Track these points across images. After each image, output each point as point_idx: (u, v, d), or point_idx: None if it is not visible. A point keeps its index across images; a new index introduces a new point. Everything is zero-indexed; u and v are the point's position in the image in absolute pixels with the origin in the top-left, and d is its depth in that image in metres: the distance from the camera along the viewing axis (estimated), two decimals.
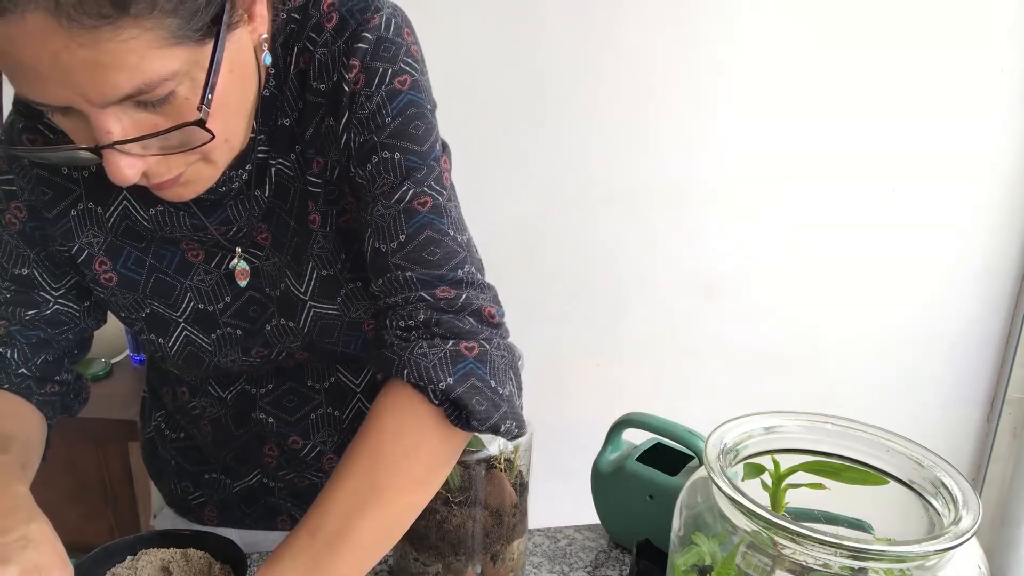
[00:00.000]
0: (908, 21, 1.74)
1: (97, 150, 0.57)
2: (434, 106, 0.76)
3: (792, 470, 0.64)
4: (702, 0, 1.70)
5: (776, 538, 0.56)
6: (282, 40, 0.73)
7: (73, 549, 1.65)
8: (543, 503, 1.09)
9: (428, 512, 0.80)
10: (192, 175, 0.66)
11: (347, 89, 0.70)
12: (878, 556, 0.52)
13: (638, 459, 0.91)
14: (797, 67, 1.76)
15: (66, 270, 0.81)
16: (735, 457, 0.64)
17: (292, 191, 0.77)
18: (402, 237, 0.71)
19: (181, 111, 0.58)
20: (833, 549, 0.52)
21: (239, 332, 0.83)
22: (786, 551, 0.55)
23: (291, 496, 0.97)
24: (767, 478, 0.65)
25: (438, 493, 0.79)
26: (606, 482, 0.93)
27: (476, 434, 0.75)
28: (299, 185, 0.76)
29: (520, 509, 0.83)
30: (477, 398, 0.66)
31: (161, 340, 0.83)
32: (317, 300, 0.79)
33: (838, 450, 0.65)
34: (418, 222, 0.71)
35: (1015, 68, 1.79)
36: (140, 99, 0.56)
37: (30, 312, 0.80)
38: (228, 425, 0.92)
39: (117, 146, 0.57)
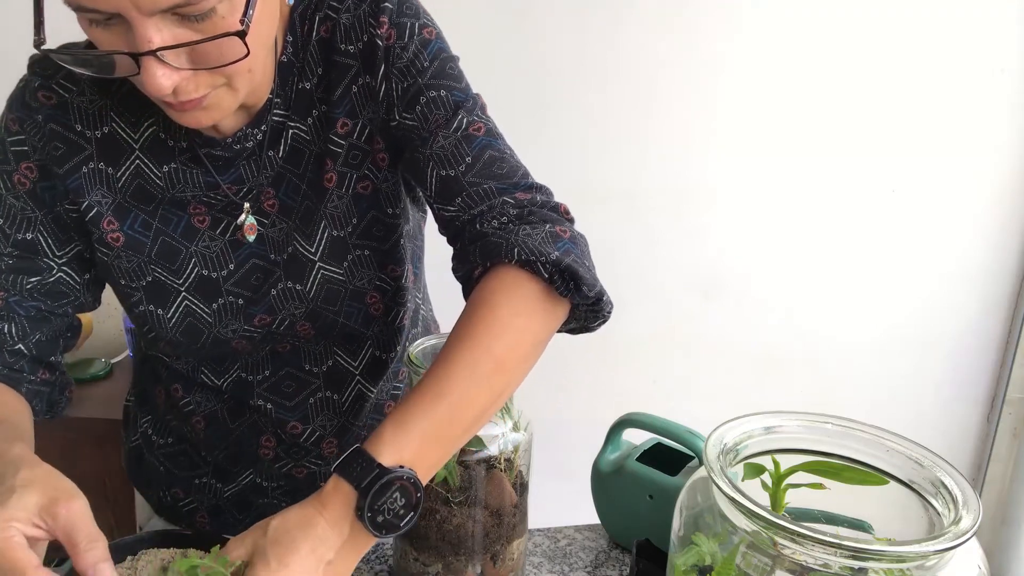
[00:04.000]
0: (908, 21, 1.74)
1: (137, 57, 0.61)
2: (457, 58, 0.81)
3: (792, 470, 0.64)
4: (703, 0, 1.70)
5: (776, 538, 0.56)
6: (300, 11, 0.77)
7: None
8: (543, 503, 1.09)
9: (428, 512, 0.80)
10: (214, 99, 0.68)
11: (381, 44, 0.75)
12: (878, 556, 0.52)
13: (638, 459, 0.91)
14: (797, 67, 1.76)
15: (71, 236, 0.82)
16: (735, 457, 0.64)
17: (307, 155, 0.80)
18: (468, 159, 0.76)
19: (217, 28, 0.62)
20: (833, 549, 0.52)
21: (240, 301, 0.83)
22: (786, 551, 0.55)
23: (285, 496, 0.97)
24: (767, 478, 0.65)
25: (438, 493, 0.79)
26: (606, 482, 0.93)
27: (476, 437, 0.76)
28: (316, 148, 0.79)
29: (520, 509, 0.83)
30: (582, 268, 0.70)
31: (160, 311, 0.83)
32: (326, 261, 0.82)
33: (838, 450, 0.65)
34: (479, 144, 0.76)
35: (1015, 68, 1.79)
36: (183, 12, 0.60)
37: (32, 280, 0.80)
38: (224, 419, 0.92)
39: (159, 53, 0.60)
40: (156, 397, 0.97)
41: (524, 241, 0.69)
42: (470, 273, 0.74)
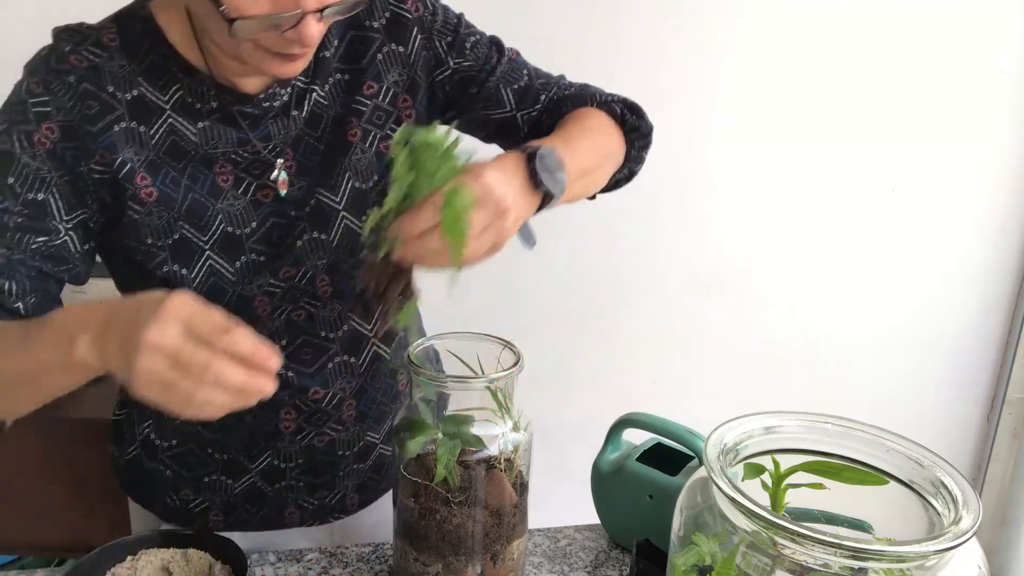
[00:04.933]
0: (909, 21, 1.74)
1: (300, 17, 0.71)
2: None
3: (792, 470, 0.64)
4: None
5: (776, 538, 0.56)
6: None
7: (73, 549, 1.66)
8: (543, 503, 1.09)
9: (428, 512, 0.80)
10: (310, 51, 0.79)
11: (409, 16, 0.90)
12: (878, 556, 0.52)
13: (638, 459, 0.91)
14: (798, 67, 1.76)
15: (83, 201, 0.82)
16: (735, 457, 0.64)
17: (325, 119, 0.89)
18: (526, 72, 0.96)
19: None
20: (833, 549, 0.52)
21: (263, 258, 0.87)
22: (786, 551, 0.56)
23: (304, 474, 0.97)
24: (767, 478, 0.65)
25: (438, 493, 0.79)
26: (606, 482, 0.93)
27: (476, 437, 0.76)
28: (333, 112, 0.89)
29: (520, 509, 0.83)
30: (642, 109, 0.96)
31: (184, 271, 0.85)
32: (348, 211, 0.90)
33: (838, 450, 0.65)
34: (523, 63, 0.97)
35: (1015, 68, 1.79)
36: None
37: (39, 240, 0.80)
38: None
39: (324, 12, 0.72)
40: None
41: (598, 92, 0.96)
42: (556, 121, 0.91)
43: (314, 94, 0.88)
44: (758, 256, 1.88)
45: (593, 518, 0.98)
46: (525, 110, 0.94)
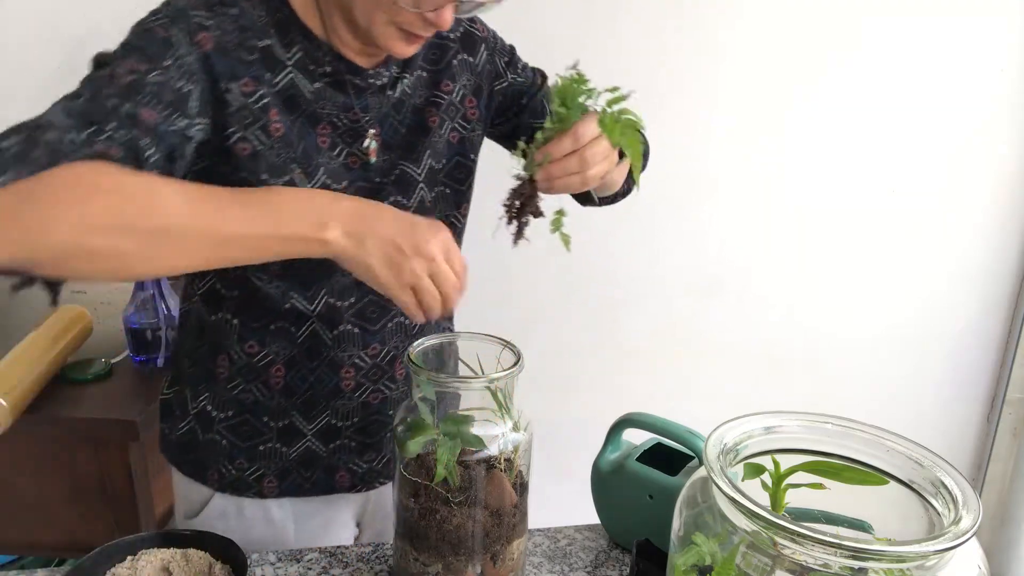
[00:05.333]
0: (909, 21, 1.74)
1: (447, 2, 0.83)
2: None
3: (792, 470, 0.64)
4: None
5: (776, 538, 0.56)
6: None
7: (73, 549, 1.65)
8: (543, 503, 1.09)
9: (428, 512, 0.80)
10: (427, 38, 0.90)
11: (479, 35, 1.06)
12: (878, 556, 0.52)
13: (638, 459, 0.91)
14: (798, 67, 1.76)
15: (208, 111, 0.85)
16: (735, 457, 0.64)
17: (407, 105, 1.00)
18: None
19: None
20: (833, 549, 0.52)
21: None
22: (786, 551, 0.55)
23: (357, 434, 1.02)
24: (767, 478, 0.65)
25: (438, 493, 0.79)
26: (606, 482, 0.93)
27: (476, 437, 0.77)
28: (414, 100, 1.00)
29: (520, 509, 0.83)
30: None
31: None
32: (425, 183, 1.00)
33: (838, 450, 0.65)
34: None
35: (1015, 68, 1.79)
36: None
37: (181, 123, 0.82)
38: (302, 360, 0.98)
39: (462, 5, 0.85)
40: (216, 368, 0.99)
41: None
42: None
43: (404, 82, 0.99)
44: (758, 256, 1.88)
45: (593, 518, 0.98)
46: None
